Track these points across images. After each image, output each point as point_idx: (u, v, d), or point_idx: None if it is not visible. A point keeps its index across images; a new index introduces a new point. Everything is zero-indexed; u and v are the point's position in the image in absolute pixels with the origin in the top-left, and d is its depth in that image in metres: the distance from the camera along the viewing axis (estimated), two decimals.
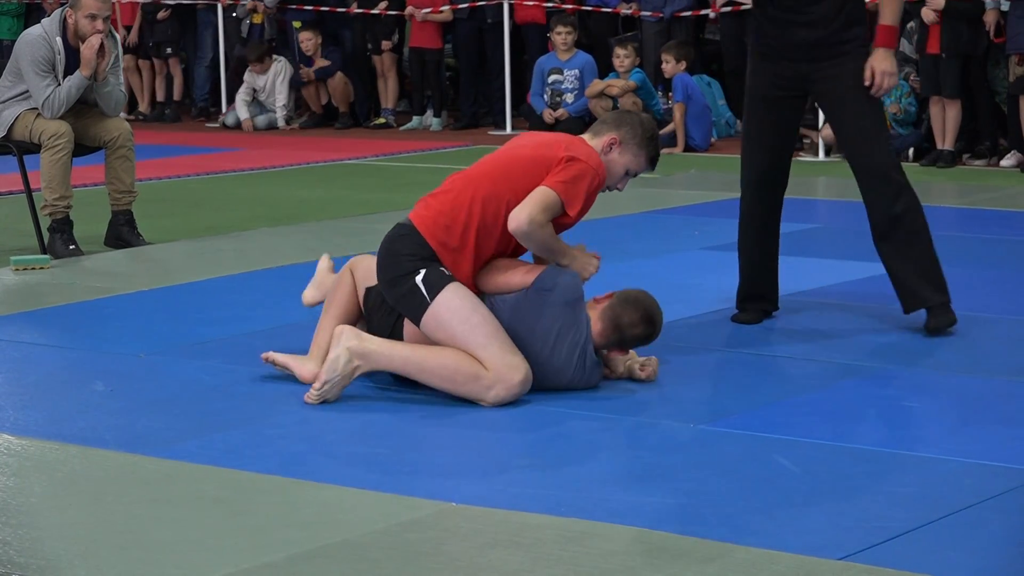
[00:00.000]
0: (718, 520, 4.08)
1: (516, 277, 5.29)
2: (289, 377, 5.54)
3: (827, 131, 12.01)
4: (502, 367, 5.11)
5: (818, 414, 5.11)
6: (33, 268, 7.75)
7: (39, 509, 4.29)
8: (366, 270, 5.51)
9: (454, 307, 5.13)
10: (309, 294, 5.96)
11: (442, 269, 5.22)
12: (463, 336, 5.12)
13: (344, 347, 5.18)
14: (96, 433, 4.95)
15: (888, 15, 6.20)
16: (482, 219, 5.27)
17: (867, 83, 6.08)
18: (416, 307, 5.18)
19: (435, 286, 5.15)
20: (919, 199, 6.18)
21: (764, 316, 6.41)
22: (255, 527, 4.08)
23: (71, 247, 8.26)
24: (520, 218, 5.20)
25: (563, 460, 4.67)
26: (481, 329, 5.13)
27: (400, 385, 5.36)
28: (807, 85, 6.21)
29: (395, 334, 5.34)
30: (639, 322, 5.34)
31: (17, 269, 7.73)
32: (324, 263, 6.01)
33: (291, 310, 6.44)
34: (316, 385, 5.22)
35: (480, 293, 5.30)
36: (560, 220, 5.31)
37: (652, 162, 5.54)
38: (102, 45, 8.19)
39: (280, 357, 5.52)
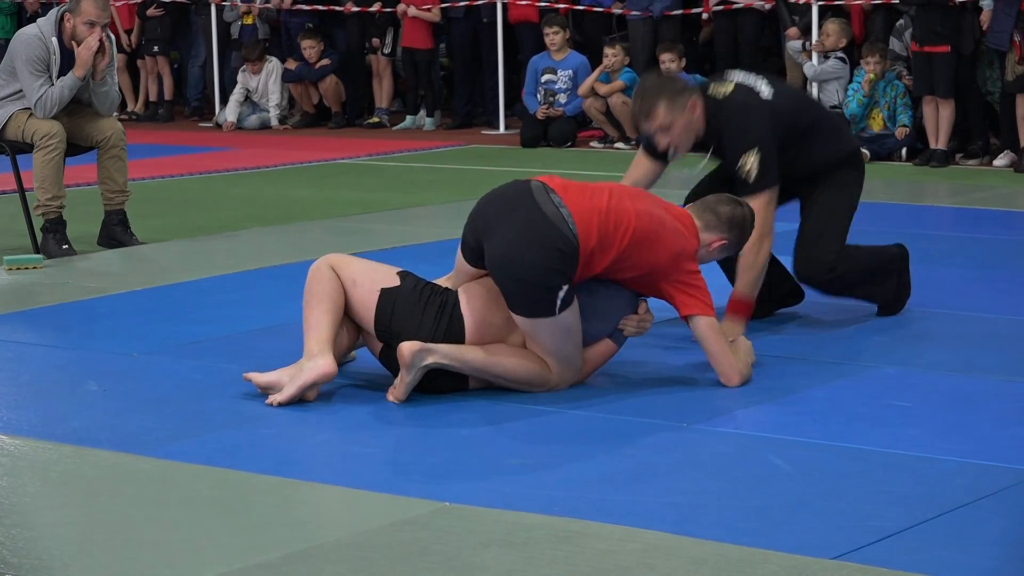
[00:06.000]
0: (712, 520, 4.08)
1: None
2: None
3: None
4: (569, 377, 5.40)
5: (812, 414, 5.11)
6: (26, 268, 7.74)
7: (33, 509, 4.28)
8: (361, 275, 5.42)
9: (568, 326, 5.32)
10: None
11: (573, 289, 5.33)
12: (556, 350, 5.33)
13: (417, 368, 5.22)
14: (89, 433, 4.95)
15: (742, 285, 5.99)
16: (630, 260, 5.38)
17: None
18: (538, 309, 5.27)
19: (565, 303, 5.29)
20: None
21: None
22: (249, 527, 4.08)
23: (64, 247, 8.25)
24: (735, 381, 5.45)
25: (556, 459, 4.67)
26: (572, 351, 5.38)
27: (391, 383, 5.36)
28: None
29: (452, 330, 5.33)
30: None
31: (10, 269, 7.72)
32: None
33: (284, 309, 6.44)
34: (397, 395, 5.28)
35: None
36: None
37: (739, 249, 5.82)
38: (102, 46, 8.19)
39: (261, 377, 5.30)
